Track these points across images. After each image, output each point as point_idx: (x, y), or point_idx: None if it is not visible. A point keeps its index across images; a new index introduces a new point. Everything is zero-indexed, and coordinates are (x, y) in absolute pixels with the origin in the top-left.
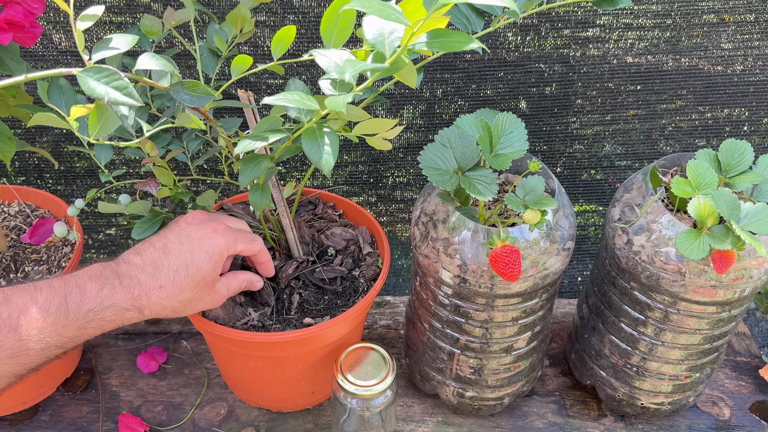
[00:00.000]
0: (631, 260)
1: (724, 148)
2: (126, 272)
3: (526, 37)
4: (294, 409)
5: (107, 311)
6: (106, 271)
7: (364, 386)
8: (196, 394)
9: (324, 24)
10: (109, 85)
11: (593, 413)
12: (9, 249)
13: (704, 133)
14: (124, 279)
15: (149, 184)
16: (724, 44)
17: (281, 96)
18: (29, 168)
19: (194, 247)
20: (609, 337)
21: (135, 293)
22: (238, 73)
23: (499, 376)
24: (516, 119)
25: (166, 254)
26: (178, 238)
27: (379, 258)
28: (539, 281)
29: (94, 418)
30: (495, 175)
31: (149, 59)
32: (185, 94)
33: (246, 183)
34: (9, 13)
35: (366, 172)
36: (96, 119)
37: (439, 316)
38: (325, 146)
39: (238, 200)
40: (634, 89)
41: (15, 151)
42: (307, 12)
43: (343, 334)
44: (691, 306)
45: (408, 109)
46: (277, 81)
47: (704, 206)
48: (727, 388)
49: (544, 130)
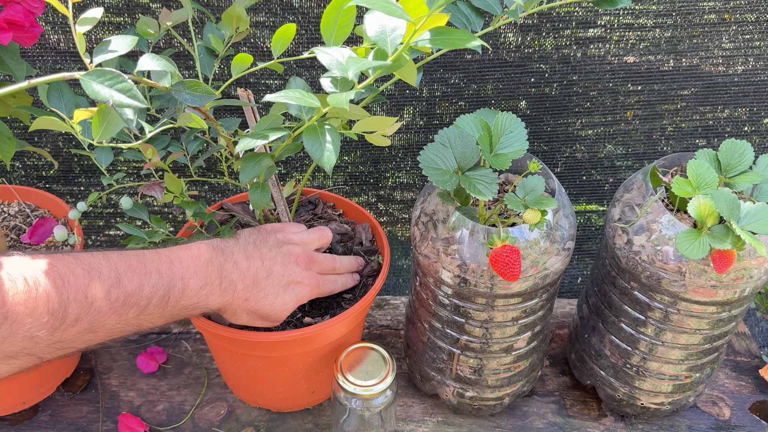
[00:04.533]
0: (631, 260)
1: (724, 147)
2: (228, 274)
3: (527, 37)
4: (294, 409)
5: (198, 309)
6: (212, 266)
7: (364, 386)
8: (196, 394)
9: (324, 21)
10: (113, 87)
11: (593, 413)
12: (9, 249)
13: (705, 134)
14: (224, 281)
15: (154, 188)
16: (724, 44)
17: (283, 93)
18: (29, 168)
19: (289, 285)
20: (609, 337)
21: (227, 298)
22: (239, 71)
23: (499, 376)
24: (516, 119)
25: (268, 278)
26: (282, 270)
27: (379, 257)
28: (539, 281)
29: (94, 418)
30: (495, 175)
31: (150, 60)
32: (187, 93)
33: (246, 181)
34: (9, 13)
35: (366, 172)
36: (99, 122)
37: (439, 316)
38: (327, 143)
39: (237, 200)
40: (634, 89)
41: (15, 151)
42: (307, 12)
43: (343, 333)
44: (692, 306)
45: (408, 109)
46: (277, 82)
47: (704, 206)
48: (727, 388)
49: (545, 130)
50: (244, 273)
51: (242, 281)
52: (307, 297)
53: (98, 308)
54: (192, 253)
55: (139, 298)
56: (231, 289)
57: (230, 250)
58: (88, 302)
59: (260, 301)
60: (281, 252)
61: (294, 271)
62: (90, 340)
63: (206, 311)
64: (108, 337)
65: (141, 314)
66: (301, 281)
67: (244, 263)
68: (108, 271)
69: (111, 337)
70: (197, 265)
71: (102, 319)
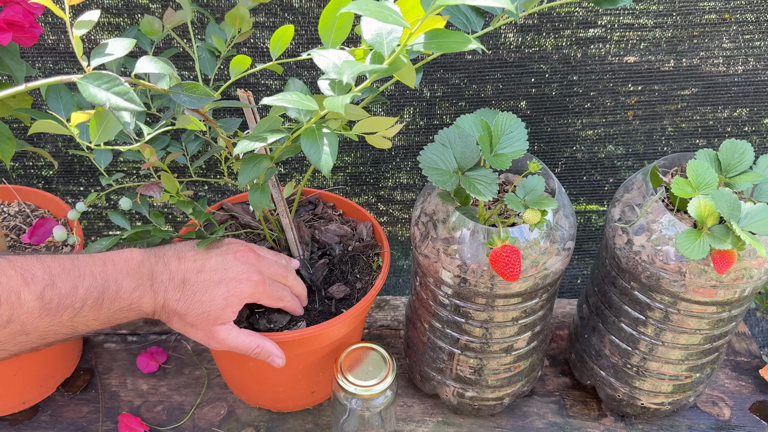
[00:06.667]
0: (631, 260)
1: (724, 148)
2: (159, 275)
3: (527, 37)
4: (294, 409)
5: (132, 312)
6: (143, 268)
7: (364, 386)
8: (196, 394)
9: (322, 23)
10: (110, 91)
11: (593, 413)
12: (9, 249)
13: (705, 134)
14: (155, 282)
15: (152, 188)
16: (725, 44)
17: (280, 96)
18: (29, 168)
19: (222, 280)
20: (609, 337)
21: (158, 299)
22: (237, 73)
23: (499, 376)
24: (516, 119)
25: (198, 274)
26: (216, 265)
27: (380, 258)
28: (539, 281)
29: (94, 418)
30: (495, 175)
31: (148, 62)
32: (185, 95)
33: (246, 183)
34: (9, 13)
35: (366, 172)
36: (97, 125)
37: (439, 316)
38: (324, 147)
39: (237, 200)
40: (634, 89)
41: (15, 151)
42: (306, 13)
43: (343, 334)
44: (692, 306)
45: (408, 109)
46: (276, 82)
47: (704, 206)
48: (728, 388)
49: (545, 130)
50: (174, 272)
51: (172, 281)
52: (247, 295)
53: (31, 309)
54: (125, 256)
55: (74, 299)
56: (161, 289)
57: (163, 253)
58: (21, 303)
59: (188, 300)
60: (220, 250)
61: (231, 266)
62: (22, 342)
63: (142, 314)
64: (41, 341)
65: (76, 317)
66: (237, 277)
67: (175, 263)
68: (42, 273)
69: (45, 341)
70: (129, 267)
71: (35, 320)
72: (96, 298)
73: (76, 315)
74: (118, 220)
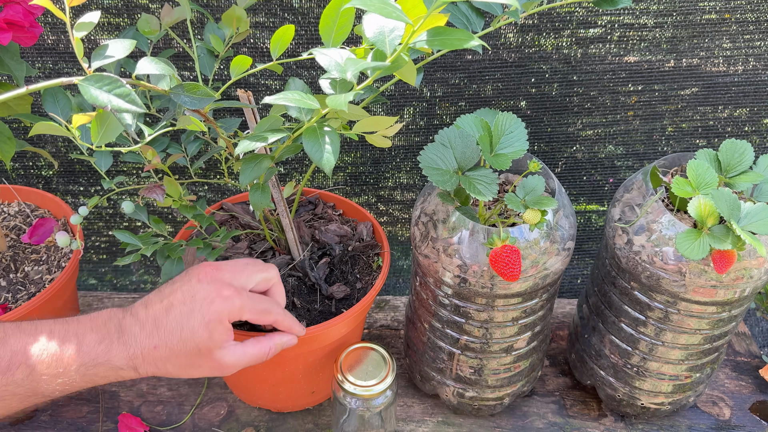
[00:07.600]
0: (631, 260)
1: (724, 147)
2: (128, 327)
3: (527, 37)
4: (294, 409)
5: (100, 368)
6: (111, 323)
7: (364, 386)
8: (196, 394)
9: (323, 22)
10: (111, 93)
11: (593, 413)
12: (9, 249)
13: (705, 134)
14: (124, 334)
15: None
16: (725, 44)
17: (282, 95)
18: (29, 168)
19: (194, 309)
20: (609, 337)
21: (131, 351)
22: (238, 73)
23: (499, 376)
24: (516, 119)
25: (168, 312)
26: (183, 297)
27: (380, 258)
28: (539, 281)
29: (94, 418)
30: (495, 175)
31: (148, 63)
32: (185, 96)
33: (246, 183)
34: (9, 13)
35: (366, 172)
36: (98, 127)
37: (439, 316)
38: (326, 145)
39: (238, 200)
40: (634, 89)
41: (15, 151)
42: (306, 13)
43: (343, 334)
44: (692, 306)
45: (408, 109)
46: (276, 82)
47: (704, 206)
48: (728, 388)
49: (545, 130)
50: (144, 320)
51: (143, 329)
52: (225, 312)
53: None
54: (91, 315)
55: (25, 356)
56: (133, 341)
57: (130, 307)
58: None
59: (168, 343)
60: (183, 280)
61: (197, 290)
62: None
63: (117, 370)
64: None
65: (32, 374)
66: (207, 297)
67: (143, 312)
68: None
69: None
70: (95, 323)
71: None
72: (53, 353)
73: (32, 372)
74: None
